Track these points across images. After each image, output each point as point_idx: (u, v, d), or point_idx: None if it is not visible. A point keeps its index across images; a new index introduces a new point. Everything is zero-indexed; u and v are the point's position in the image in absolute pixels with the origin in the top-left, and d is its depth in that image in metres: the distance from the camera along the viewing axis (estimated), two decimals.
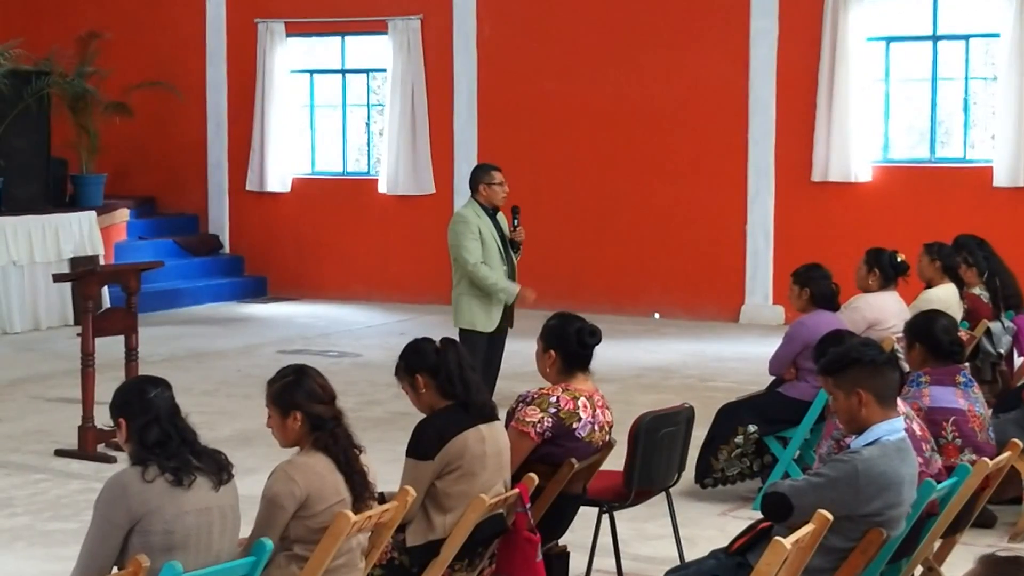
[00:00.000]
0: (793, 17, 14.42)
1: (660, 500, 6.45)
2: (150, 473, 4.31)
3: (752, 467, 7.75)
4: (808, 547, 4.56)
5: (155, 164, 17.26)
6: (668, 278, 15.01)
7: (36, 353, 12.86)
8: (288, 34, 16.63)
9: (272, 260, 16.87)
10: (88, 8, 17.15)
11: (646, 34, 15.00)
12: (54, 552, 6.81)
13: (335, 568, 4.70)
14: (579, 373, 5.78)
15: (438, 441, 5.22)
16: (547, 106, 15.44)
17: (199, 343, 13.45)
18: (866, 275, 8.50)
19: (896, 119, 14.68)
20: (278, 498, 4.64)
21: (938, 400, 6.18)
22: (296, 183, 16.83)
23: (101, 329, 8.99)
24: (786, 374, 7.84)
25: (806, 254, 10.05)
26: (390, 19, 15.99)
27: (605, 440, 5.82)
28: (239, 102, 16.89)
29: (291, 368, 4.89)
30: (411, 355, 5.46)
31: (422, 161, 15.98)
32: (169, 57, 16.95)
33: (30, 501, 7.85)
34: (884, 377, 4.87)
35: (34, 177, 14.95)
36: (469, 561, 5.32)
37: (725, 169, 14.76)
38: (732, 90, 14.65)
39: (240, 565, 4.43)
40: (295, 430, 4.80)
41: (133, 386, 4.58)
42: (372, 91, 16.96)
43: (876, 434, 4.78)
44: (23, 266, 14.07)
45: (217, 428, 9.23)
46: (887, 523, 4.72)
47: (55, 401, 10.49)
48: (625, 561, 6.33)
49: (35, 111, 14.85)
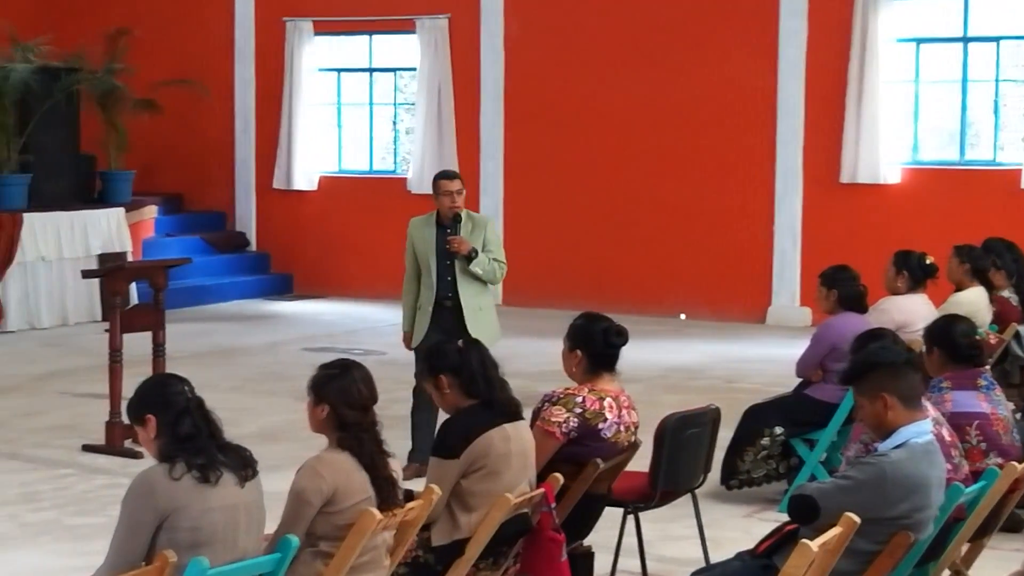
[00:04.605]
0: (823, 18, 14.36)
1: (685, 501, 6.43)
2: (177, 470, 4.31)
3: (778, 469, 7.73)
4: (835, 550, 4.54)
5: (183, 161, 17.32)
6: (694, 279, 14.98)
7: (64, 348, 12.92)
8: (316, 32, 16.66)
9: (298, 258, 16.90)
10: (117, 5, 17.21)
11: (674, 34, 14.97)
12: (79, 547, 6.83)
13: (360, 565, 4.71)
14: (605, 373, 5.76)
15: (463, 440, 5.21)
16: (573, 105, 15.42)
17: (225, 340, 13.49)
18: (894, 277, 8.45)
19: (925, 121, 14.61)
20: (305, 493, 4.64)
21: (961, 404, 6.14)
22: (323, 181, 16.86)
23: (128, 325, 9.02)
24: (813, 376, 7.82)
25: (834, 256, 10.01)
26: (418, 18, 16.01)
27: (630, 441, 5.81)
28: (267, 100, 16.93)
29: (341, 363, 4.90)
30: (433, 356, 5.47)
31: (448, 160, 15.96)
32: (197, 54, 17.01)
33: (56, 496, 7.89)
34: (906, 378, 4.84)
35: (63, 173, 15.02)
36: (494, 560, 5.31)
37: (753, 170, 14.72)
38: (761, 90, 14.61)
39: (266, 561, 4.44)
40: (320, 420, 4.82)
41: (157, 382, 4.59)
42: (399, 90, 16.98)
43: (903, 436, 4.76)
44: (51, 262, 14.15)
45: (242, 425, 9.24)
46: (914, 526, 4.69)
47: (82, 396, 10.53)
48: (650, 562, 6.32)
49: (64, 107, 14.92)
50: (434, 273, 8.32)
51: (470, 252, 8.29)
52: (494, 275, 8.44)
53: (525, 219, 15.70)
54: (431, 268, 8.33)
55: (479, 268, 8.32)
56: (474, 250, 8.30)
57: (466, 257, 8.29)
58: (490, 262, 8.37)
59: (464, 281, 8.33)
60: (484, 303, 8.44)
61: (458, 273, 8.33)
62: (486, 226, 8.49)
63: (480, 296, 8.41)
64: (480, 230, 8.43)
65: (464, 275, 8.33)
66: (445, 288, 8.33)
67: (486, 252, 8.37)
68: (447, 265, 8.34)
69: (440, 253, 8.34)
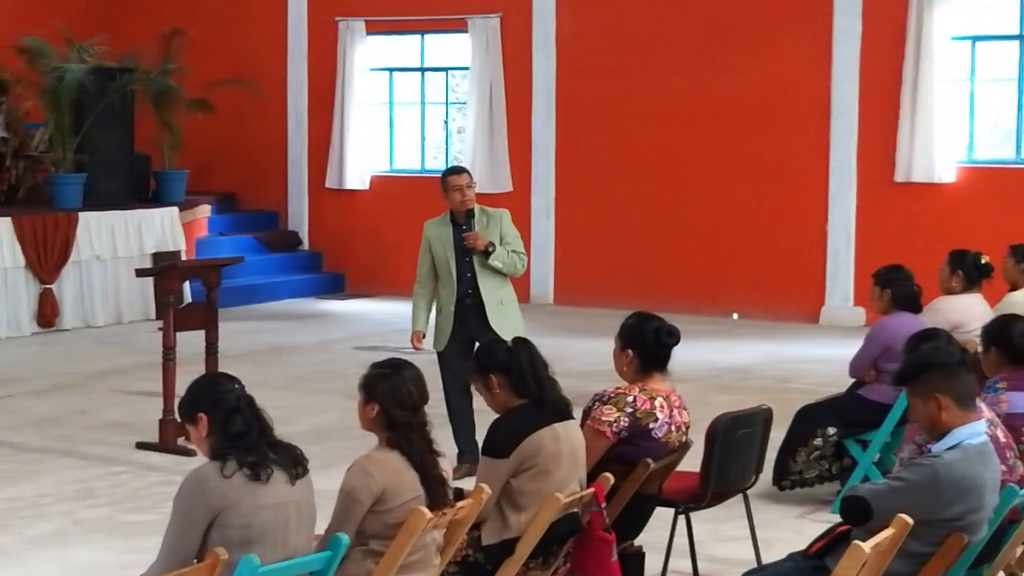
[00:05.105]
0: (877, 16, 14.25)
1: (737, 502, 6.40)
2: (228, 468, 4.33)
3: (831, 470, 7.69)
4: (887, 551, 4.50)
5: (236, 160, 17.43)
6: (747, 278, 14.91)
7: (118, 347, 13.03)
8: (368, 32, 16.71)
9: (350, 257, 16.96)
10: (171, 5, 17.34)
11: (727, 32, 14.90)
12: (133, 543, 6.88)
13: (410, 564, 4.71)
14: (656, 373, 5.75)
15: (513, 439, 5.21)
16: (625, 104, 15.38)
17: (277, 338, 13.55)
18: (949, 277, 8.38)
19: (981, 119, 14.47)
20: (355, 492, 4.66)
21: (1016, 405, 6.07)
22: (374, 180, 16.91)
23: (182, 324, 9.08)
24: (866, 376, 7.76)
25: (888, 255, 9.93)
26: (470, 17, 16.02)
27: (681, 441, 5.79)
28: (319, 99, 17.00)
29: (393, 362, 4.91)
30: (483, 356, 5.48)
31: (500, 159, 15.99)
32: (251, 54, 17.10)
33: (110, 492, 7.95)
34: (960, 379, 4.80)
35: (117, 173, 15.14)
36: (544, 560, 5.31)
37: (806, 169, 14.63)
38: (814, 89, 14.52)
39: (316, 559, 4.46)
40: (370, 419, 4.83)
41: (208, 381, 4.61)
42: (451, 89, 17.00)
43: (957, 437, 4.72)
44: (106, 261, 14.27)
45: (293, 423, 9.28)
46: (968, 528, 4.65)
47: (136, 394, 10.61)
48: (701, 562, 6.29)
49: (119, 107, 15.04)
50: (454, 272, 8.23)
51: (487, 247, 8.18)
52: (515, 267, 8.30)
53: (577, 218, 15.68)
54: (450, 267, 8.23)
55: (499, 262, 8.21)
56: (491, 244, 8.19)
57: (483, 252, 8.19)
58: (509, 255, 8.25)
59: (484, 277, 8.23)
60: (505, 297, 8.31)
61: (477, 269, 8.22)
62: (501, 219, 8.35)
63: (501, 290, 8.30)
64: (496, 224, 8.31)
65: (483, 271, 8.23)
66: (465, 285, 8.22)
67: (504, 245, 8.25)
68: (466, 262, 8.24)
69: (458, 251, 8.24)
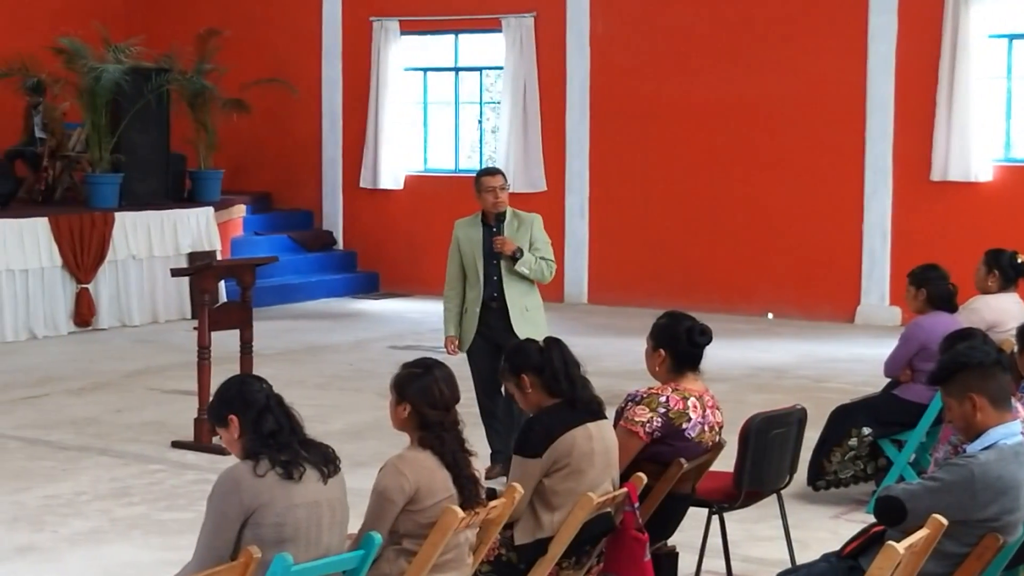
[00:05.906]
0: (913, 13, 14.18)
1: (771, 502, 6.38)
2: (261, 467, 4.35)
3: (866, 470, 7.66)
4: (922, 552, 4.48)
5: (271, 160, 17.50)
6: (782, 277, 14.86)
7: (154, 345, 13.10)
8: (402, 32, 16.74)
9: (385, 256, 17.00)
10: (207, 6, 17.43)
11: (762, 30, 14.85)
12: (169, 541, 6.93)
13: (443, 563, 4.72)
14: (689, 372, 5.73)
15: (546, 438, 5.21)
16: (660, 103, 15.36)
17: (312, 337, 13.60)
18: (985, 276, 8.33)
19: (1018, 117, 14.37)
20: (388, 492, 4.67)
21: None
22: (409, 180, 16.94)
23: (217, 323, 9.12)
24: (901, 376, 7.73)
25: (924, 254, 9.87)
26: (503, 17, 16.03)
27: (715, 440, 5.78)
28: (353, 99, 17.04)
29: (424, 362, 4.92)
30: (515, 355, 5.48)
31: (534, 158, 15.99)
32: (286, 55, 17.17)
33: (147, 491, 8.00)
34: (995, 379, 4.77)
35: (153, 172, 15.24)
36: (577, 559, 5.31)
37: (842, 167, 14.56)
38: (850, 87, 14.45)
39: (349, 558, 4.47)
40: (402, 419, 4.84)
41: (236, 383, 4.60)
42: (485, 88, 17.01)
43: (993, 438, 4.69)
44: (142, 260, 14.36)
45: (328, 422, 9.32)
46: (1003, 528, 4.62)
47: (172, 393, 10.67)
48: (735, 562, 6.28)
49: (155, 107, 15.13)
50: (481, 274, 8.12)
51: (515, 252, 8.06)
52: (542, 274, 8.17)
53: (611, 217, 15.67)
54: (478, 269, 8.13)
55: (525, 268, 8.09)
56: (519, 250, 8.08)
57: (511, 257, 8.09)
58: (537, 261, 8.12)
59: (510, 281, 8.11)
60: (531, 303, 8.19)
61: (504, 273, 8.11)
62: (532, 224, 8.22)
63: (527, 296, 8.18)
64: (526, 228, 8.18)
65: (510, 275, 8.11)
66: (492, 288, 8.11)
67: (533, 251, 8.13)
68: (494, 265, 8.13)
69: (487, 253, 8.13)
